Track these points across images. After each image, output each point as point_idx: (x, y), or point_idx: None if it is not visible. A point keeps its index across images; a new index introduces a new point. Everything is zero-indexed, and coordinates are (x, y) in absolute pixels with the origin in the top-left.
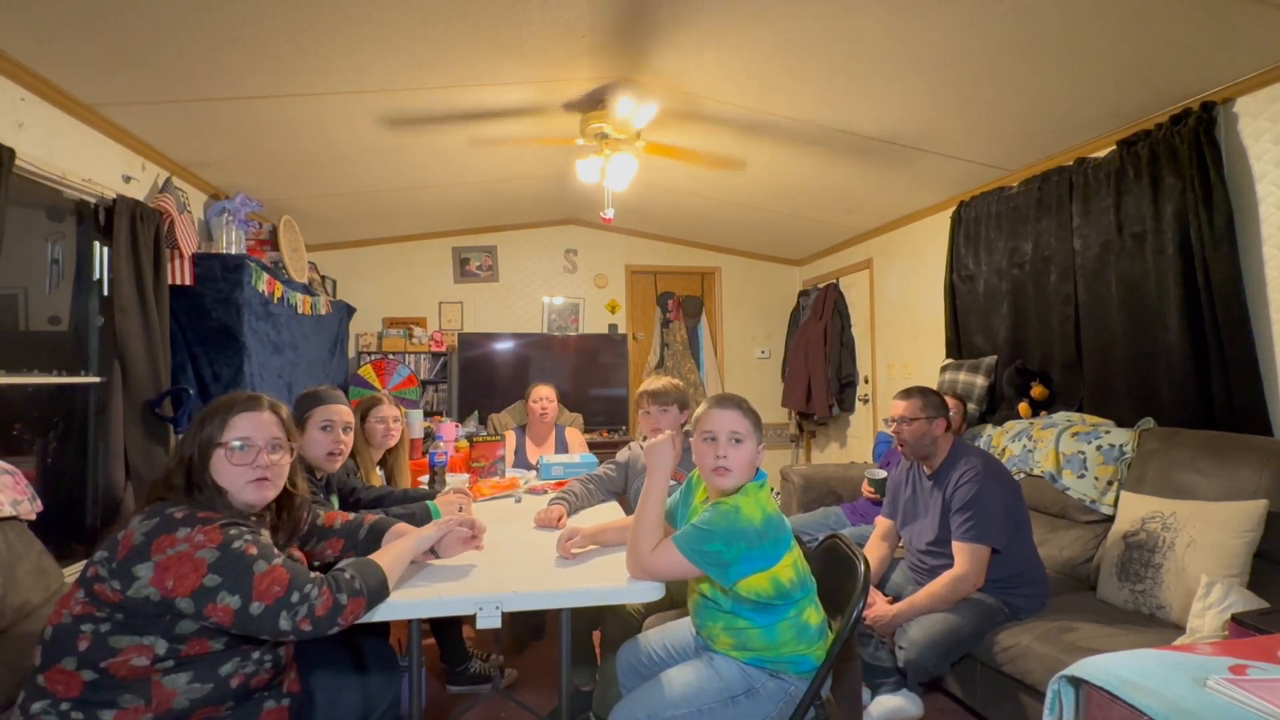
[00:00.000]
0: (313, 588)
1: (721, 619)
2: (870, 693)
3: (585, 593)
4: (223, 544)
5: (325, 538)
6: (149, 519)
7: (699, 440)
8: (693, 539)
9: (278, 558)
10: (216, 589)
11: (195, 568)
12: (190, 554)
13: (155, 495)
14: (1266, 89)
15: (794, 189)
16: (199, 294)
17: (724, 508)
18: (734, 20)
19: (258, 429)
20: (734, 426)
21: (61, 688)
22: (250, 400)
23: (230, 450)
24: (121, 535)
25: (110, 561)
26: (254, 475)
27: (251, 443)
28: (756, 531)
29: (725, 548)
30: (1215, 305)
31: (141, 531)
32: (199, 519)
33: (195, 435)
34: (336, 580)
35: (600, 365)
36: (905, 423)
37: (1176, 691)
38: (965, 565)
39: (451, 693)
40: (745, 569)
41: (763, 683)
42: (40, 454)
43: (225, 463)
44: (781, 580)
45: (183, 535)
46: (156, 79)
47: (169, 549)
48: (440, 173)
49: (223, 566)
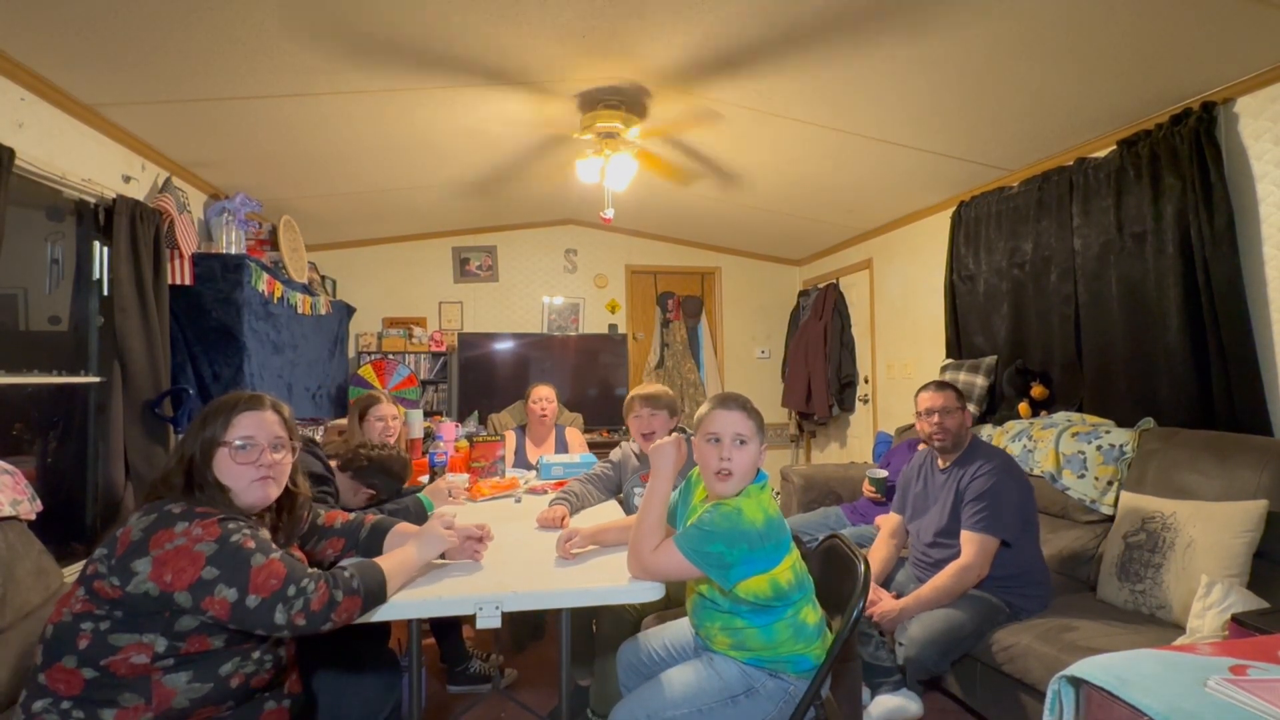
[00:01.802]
0: (309, 582)
1: (719, 619)
2: (870, 692)
3: (585, 593)
4: (221, 537)
5: (326, 537)
6: (147, 515)
7: (701, 441)
8: (694, 540)
9: (275, 552)
10: (214, 582)
11: (193, 561)
12: (189, 548)
13: (154, 494)
14: (1266, 89)
15: (794, 189)
16: (199, 294)
17: (726, 509)
18: (730, 18)
19: (260, 428)
20: (738, 428)
21: (63, 686)
22: (252, 399)
23: (234, 449)
24: (120, 532)
25: (109, 558)
26: (257, 474)
27: (255, 442)
28: (759, 534)
29: (727, 549)
30: (1215, 305)
31: (140, 528)
32: (197, 513)
33: (197, 434)
34: (335, 577)
35: (600, 365)
36: (947, 414)
37: (1176, 691)
38: (972, 555)
39: (452, 692)
40: (746, 570)
41: (762, 682)
42: (40, 454)
43: (229, 461)
44: (780, 582)
45: (180, 530)
46: (156, 79)
47: (167, 543)
48: (440, 172)
49: (221, 559)
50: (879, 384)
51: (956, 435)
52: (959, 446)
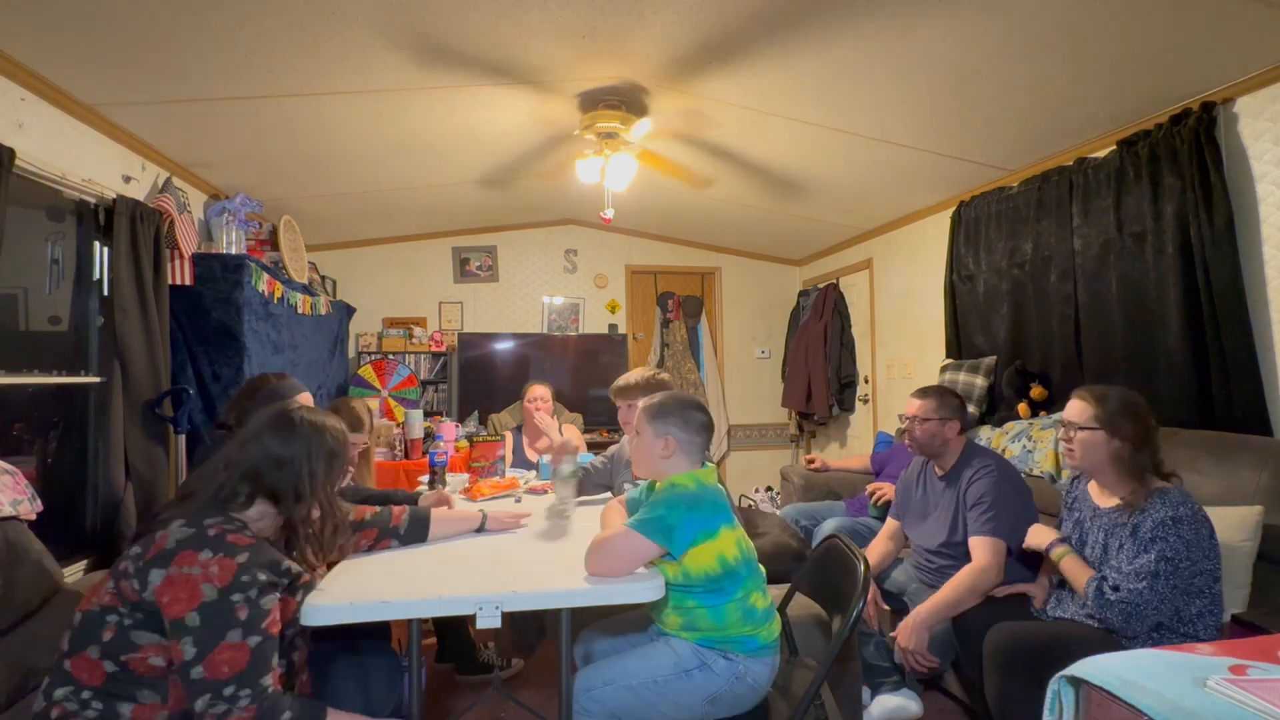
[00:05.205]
0: (248, 695)
1: (673, 597)
2: (870, 692)
3: (585, 593)
4: (226, 589)
5: (356, 530)
6: (189, 526)
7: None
8: (640, 513)
9: (257, 635)
10: (187, 630)
11: (191, 597)
12: (197, 581)
13: (214, 493)
14: (1266, 89)
15: (794, 188)
16: (199, 294)
17: (661, 484)
18: (730, 17)
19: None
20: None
21: (86, 675)
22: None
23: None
24: (159, 534)
25: (140, 559)
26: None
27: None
28: (692, 494)
29: (668, 511)
30: (1215, 305)
31: (177, 538)
32: (226, 544)
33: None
34: (274, 706)
35: (600, 365)
36: (918, 422)
37: (1176, 691)
38: (986, 558)
39: (461, 683)
40: (689, 533)
41: (714, 660)
42: (40, 454)
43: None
44: (728, 558)
45: (203, 559)
46: (157, 79)
47: (185, 565)
48: (440, 173)
49: (208, 613)
50: (879, 384)
51: (924, 444)
52: (933, 455)
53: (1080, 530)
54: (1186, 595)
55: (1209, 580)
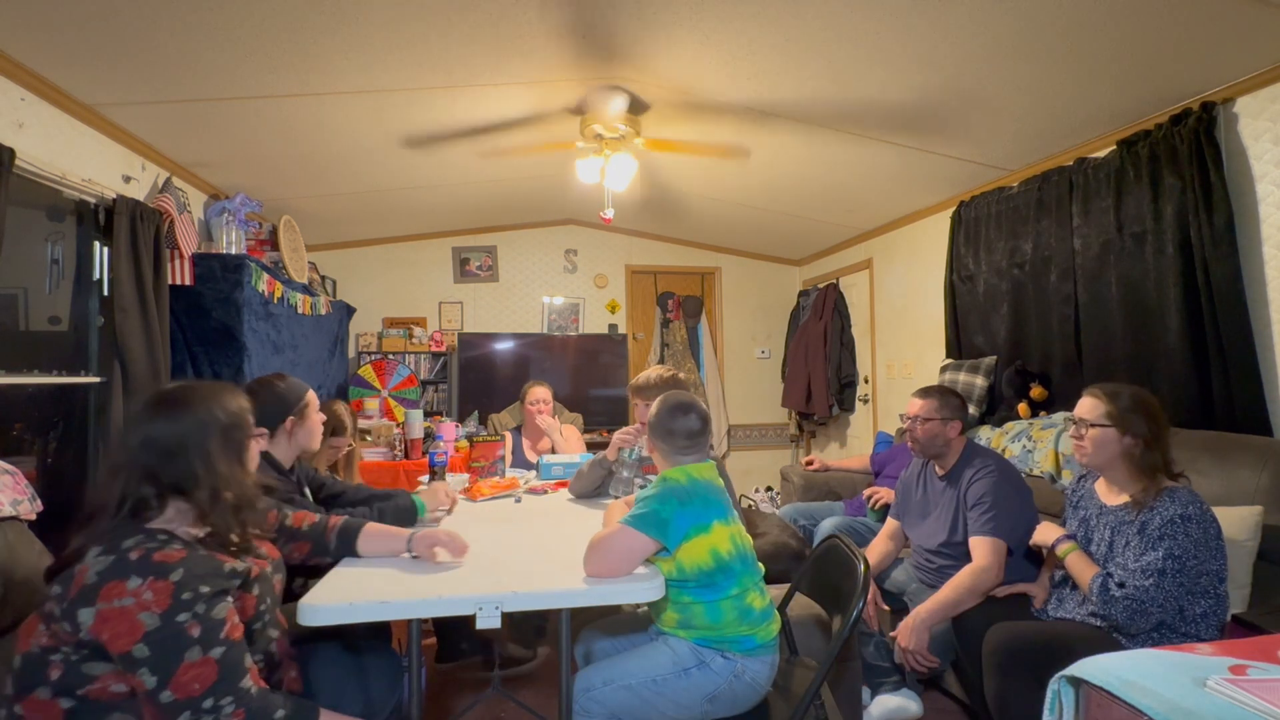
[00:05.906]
0: (230, 702)
1: (669, 591)
2: (870, 692)
3: (585, 593)
4: (168, 611)
5: (294, 539)
6: (107, 554)
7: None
8: (634, 509)
9: (219, 646)
10: (139, 663)
11: (131, 630)
12: (133, 613)
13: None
14: (1266, 89)
15: (794, 188)
16: (199, 294)
17: (656, 479)
18: (731, 15)
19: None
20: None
21: (41, 717)
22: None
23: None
24: (77, 569)
25: (63, 600)
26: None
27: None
28: (684, 488)
29: (660, 505)
30: (1215, 305)
31: (96, 570)
32: (154, 565)
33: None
34: (265, 706)
35: (600, 365)
36: (919, 422)
37: (1176, 691)
38: (986, 558)
39: (446, 668)
40: (682, 526)
41: (712, 658)
42: (40, 454)
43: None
44: (720, 552)
45: (133, 588)
46: (157, 79)
47: (115, 599)
48: (440, 173)
49: (156, 640)
50: (879, 384)
51: (925, 444)
52: (933, 455)
53: (1086, 528)
54: (1191, 595)
55: (1214, 581)
